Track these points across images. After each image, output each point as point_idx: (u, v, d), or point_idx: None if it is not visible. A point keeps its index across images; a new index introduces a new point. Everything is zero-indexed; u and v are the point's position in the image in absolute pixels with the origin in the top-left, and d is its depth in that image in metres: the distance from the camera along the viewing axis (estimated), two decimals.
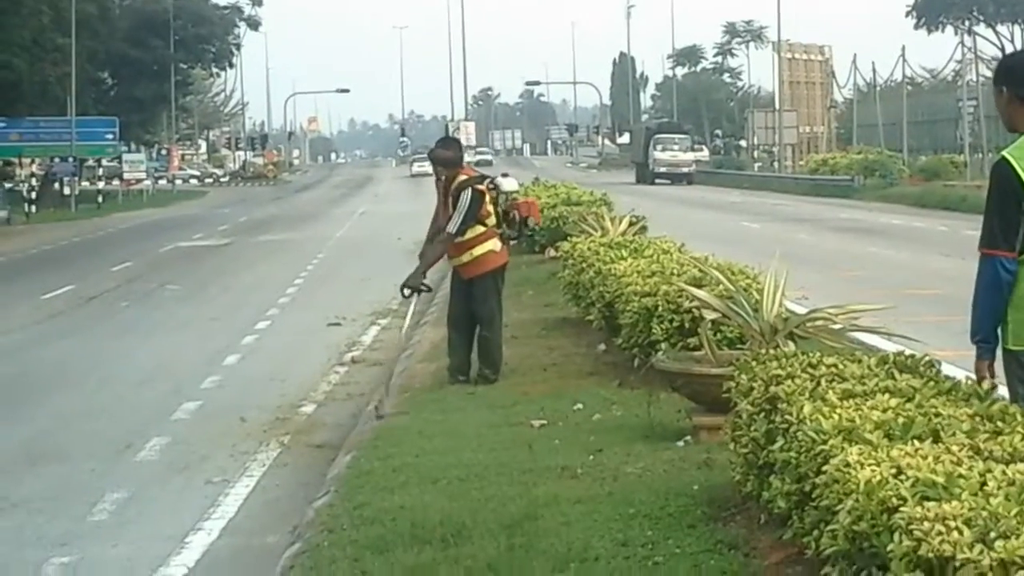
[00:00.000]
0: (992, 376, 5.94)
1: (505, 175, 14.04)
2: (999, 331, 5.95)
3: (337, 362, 15.44)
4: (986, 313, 5.93)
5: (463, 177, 12.37)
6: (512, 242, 13.30)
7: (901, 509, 4.24)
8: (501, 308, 12.79)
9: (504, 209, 12.73)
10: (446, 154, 12.48)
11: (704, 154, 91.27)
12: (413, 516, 7.62)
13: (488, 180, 12.78)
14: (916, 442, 4.94)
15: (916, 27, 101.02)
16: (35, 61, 58.80)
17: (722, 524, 6.99)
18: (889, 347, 8.67)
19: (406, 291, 12.47)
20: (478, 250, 12.34)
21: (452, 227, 12.16)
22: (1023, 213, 5.82)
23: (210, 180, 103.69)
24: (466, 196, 12.13)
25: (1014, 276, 5.87)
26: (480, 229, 12.29)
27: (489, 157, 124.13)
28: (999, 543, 3.83)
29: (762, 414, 6.39)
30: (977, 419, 5.26)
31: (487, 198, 12.35)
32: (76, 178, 65.57)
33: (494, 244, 12.46)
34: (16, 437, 11.95)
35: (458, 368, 12.41)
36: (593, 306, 13.15)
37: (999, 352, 5.99)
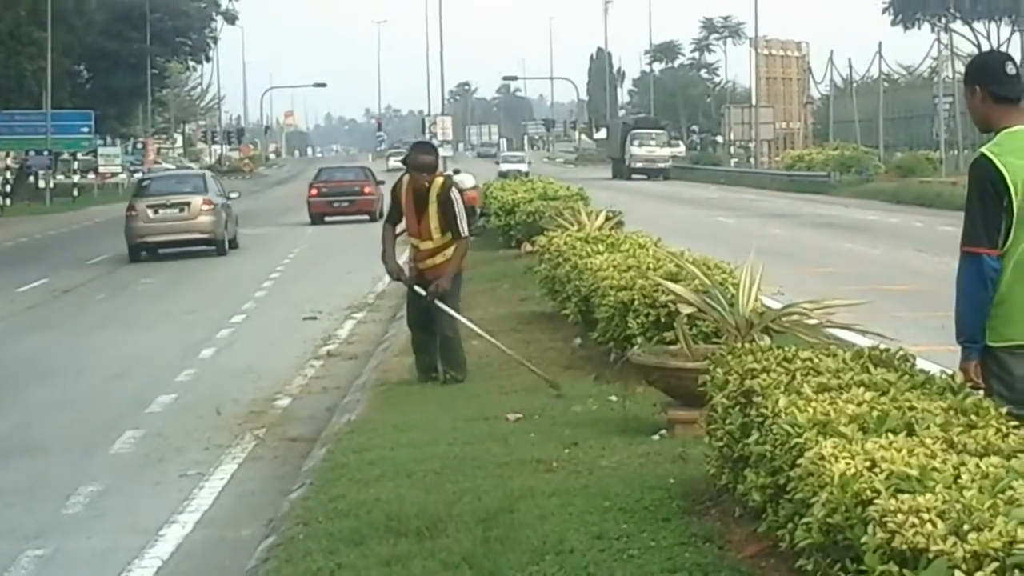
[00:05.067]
0: (979, 378, 5.79)
1: (456, 171, 13.88)
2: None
3: (313, 356, 15.42)
4: (972, 313, 5.80)
5: (440, 180, 12.14)
6: (474, 237, 13.03)
7: (875, 502, 4.25)
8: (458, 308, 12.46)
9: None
10: (429, 159, 12.13)
11: (681, 150, 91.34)
12: (388, 509, 7.62)
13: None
14: (890, 435, 4.94)
15: (893, 24, 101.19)
16: (11, 54, 58.82)
17: (697, 517, 7.00)
18: (864, 342, 8.68)
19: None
20: (450, 251, 12.02)
21: (464, 231, 11.96)
22: (1005, 211, 5.72)
23: None
24: (455, 198, 11.94)
25: (998, 274, 5.76)
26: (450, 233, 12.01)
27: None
28: (972, 535, 3.84)
29: (737, 408, 6.40)
30: (951, 413, 5.27)
31: None
32: (51, 171, 65.41)
33: None
34: None
35: (429, 366, 12.16)
36: (569, 300, 13.14)
37: None
